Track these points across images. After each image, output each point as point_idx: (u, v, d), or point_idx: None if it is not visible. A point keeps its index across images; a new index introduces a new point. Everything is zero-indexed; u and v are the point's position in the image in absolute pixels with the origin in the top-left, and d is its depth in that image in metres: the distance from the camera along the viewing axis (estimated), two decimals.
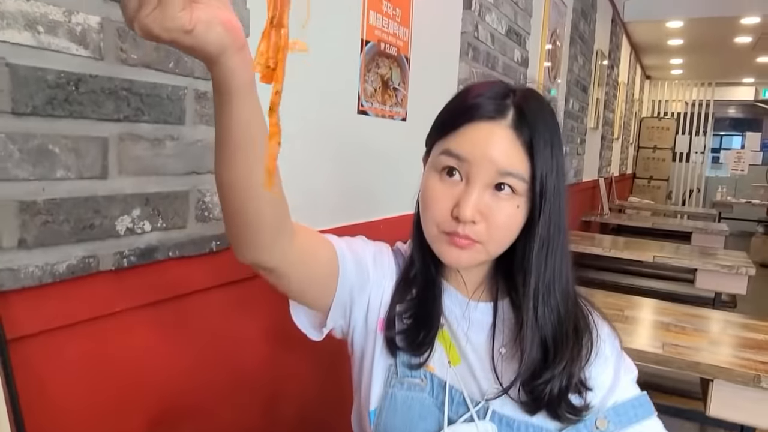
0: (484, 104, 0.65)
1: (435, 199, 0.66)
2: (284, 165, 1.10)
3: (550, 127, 0.66)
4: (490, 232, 0.65)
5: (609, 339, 0.74)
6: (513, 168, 0.63)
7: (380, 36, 1.36)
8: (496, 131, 0.64)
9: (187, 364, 0.89)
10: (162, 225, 0.80)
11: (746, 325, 1.67)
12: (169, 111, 0.79)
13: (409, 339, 0.72)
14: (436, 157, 0.67)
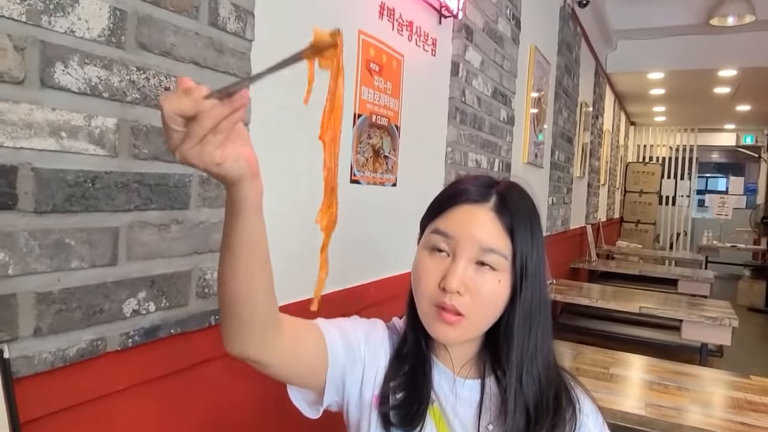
0: (470, 190, 0.74)
1: (424, 272, 0.73)
2: (279, 234, 1.16)
3: (529, 214, 0.74)
4: (475, 304, 0.71)
5: (592, 414, 0.79)
6: (494, 245, 0.71)
7: (372, 109, 1.45)
8: (480, 213, 0.72)
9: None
10: (165, 304, 0.85)
11: (728, 383, 1.72)
12: (175, 197, 0.85)
13: (402, 413, 0.76)
14: (427, 236, 0.75)
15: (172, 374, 0.88)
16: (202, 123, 0.49)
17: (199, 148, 0.49)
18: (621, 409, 1.42)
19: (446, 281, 0.70)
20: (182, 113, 0.48)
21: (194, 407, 0.94)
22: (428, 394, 0.77)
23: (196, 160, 0.50)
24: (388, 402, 0.77)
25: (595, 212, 5.73)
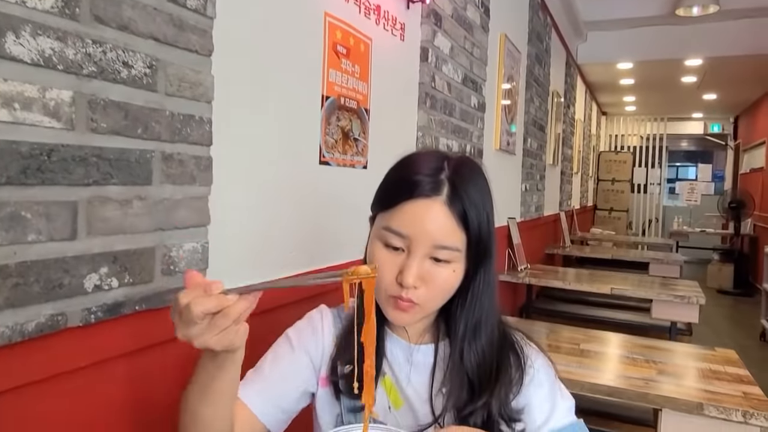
0: (421, 182, 0.72)
1: (381, 267, 0.73)
2: (250, 213, 1.16)
3: (482, 197, 0.74)
4: (429, 294, 0.73)
5: (543, 368, 0.81)
6: (447, 242, 0.72)
7: (340, 91, 1.45)
8: (432, 208, 0.71)
9: (156, 415, 0.92)
10: (129, 281, 0.84)
11: (693, 355, 1.77)
12: (137, 173, 0.84)
13: (351, 382, 0.77)
14: (380, 230, 0.75)
15: (138, 351, 0.87)
16: (228, 317, 0.57)
17: (221, 336, 0.57)
18: (590, 380, 1.46)
19: (403, 277, 0.71)
20: (209, 312, 0.56)
21: (162, 386, 0.93)
22: (380, 364, 0.80)
23: (217, 345, 0.58)
24: (336, 373, 0.80)
25: (568, 200, 5.82)
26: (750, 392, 1.42)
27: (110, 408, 0.85)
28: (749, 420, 1.30)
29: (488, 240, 0.75)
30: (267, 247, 1.21)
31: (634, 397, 1.42)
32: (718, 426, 1.33)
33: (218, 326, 0.57)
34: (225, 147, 1.05)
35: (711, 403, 1.34)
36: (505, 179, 3.36)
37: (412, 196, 0.72)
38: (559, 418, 0.78)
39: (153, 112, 0.87)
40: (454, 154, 0.77)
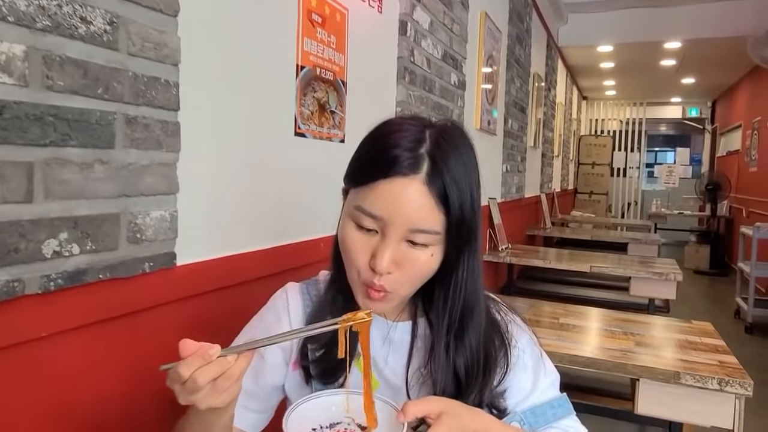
0: (397, 158, 0.64)
1: (353, 250, 0.68)
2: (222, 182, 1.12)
3: (467, 167, 0.67)
4: (404, 279, 0.68)
5: (528, 347, 0.79)
6: (425, 225, 0.65)
7: (315, 61, 1.41)
8: (409, 188, 0.64)
9: (121, 388, 0.89)
10: (91, 247, 0.80)
11: (670, 327, 1.79)
12: (98, 135, 0.81)
13: (322, 366, 0.74)
14: (352, 209, 0.68)
15: (102, 322, 0.84)
16: (231, 378, 0.58)
17: (226, 395, 0.59)
18: (569, 352, 1.46)
19: (375, 262, 0.66)
20: (212, 378, 0.57)
21: (127, 357, 0.90)
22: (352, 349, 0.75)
23: (222, 404, 0.59)
24: (307, 357, 0.76)
25: (549, 182, 5.85)
26: (725, 361, 1.44)
27: (77, 378, 0.81)
28: (725, 388, 1.31)
29: (472, 221, 0.68)
30: (240, 218, 1.17)
31: (612, 368, 1.43)
32: (694, 394, 1.35)
33: (222, 388, 0.58)
34: (194, 113, 1.01)
35: (688, 372, 1.35)
36: (486, 159, 3.35)
37: (387, 175, 0.64)
38: (541, 394, 0.76)
39: (114, 72, 0.82)
40: (438, 122, 0.70)
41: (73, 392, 0.81)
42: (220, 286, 1.10)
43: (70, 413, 0.81)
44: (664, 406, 1.41)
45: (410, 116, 0.72)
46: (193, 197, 1.02)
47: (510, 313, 0.81)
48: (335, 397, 0.68)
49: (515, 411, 0.75)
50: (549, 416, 0.76)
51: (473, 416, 0.64)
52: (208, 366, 0.57)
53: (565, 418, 0.77)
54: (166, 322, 0.97)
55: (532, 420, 0.75)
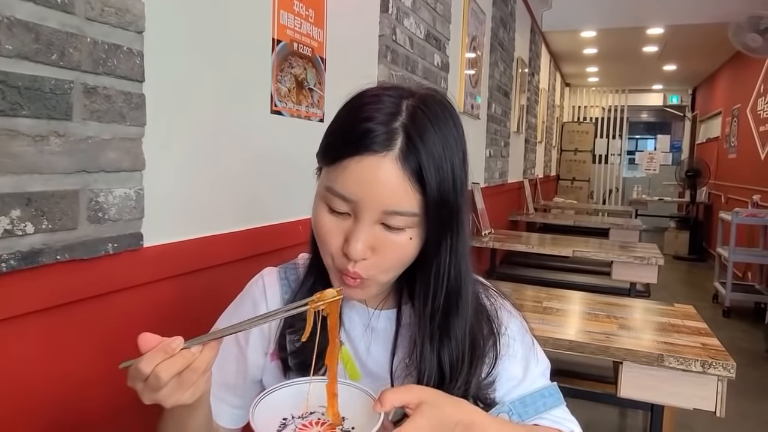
0: (369, 134, 0.58)
1: (326, 234, 0.63)
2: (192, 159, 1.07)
3: (446, 138, 0.61)
4: (381, 265, 0.63)
5: (519, 335, 0.75)
6: (400, 206, 0.59)
7: (293, 36, 1.35)
8: (382, 166, 0.58)
9: (85, 377, 0.84)
10: (48, 226, 0.75)
11: (653, 310, 1.78)
12: (53, 105, 0.75)
13: (302, 356, 0.70)
14: (323, 190, 0.63)
15: (60, 307, 0.78)
16: (196, 371, 0.54)
17: (193, 390, 0.55)
18: (553, 336, 1.44)
19: (348, 247, 0.61)
20: (176, 372, 0.53)
21: (91, 344, 0.85)
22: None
23: (189, 400, 0.55)
24: (285, 349, 0.72)
25: (532, 168, 5.85)
26: (708, 343, 1.43)
27: (31, 366, 0.76)
28: (708, 370, 1.30)
29: (454, 201, 0.61)
30: (213, 198, 1.12)
31: (595, 351, 1.41)
32: (677, 376, 1.34)
33: (188, 382, 0.54)
34: (162, 85, 0.95)
35: (671, 354, 1.34)
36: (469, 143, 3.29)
37: (358, 152, 0.59)
38: (531, 383, 0.72)
39: (70, 38, 0.76)
40: (418, 90, 0.63)
41: (30, 380, 0.76)
42: (192, 270, 1.05)
43: (27, 401, 0.76)
44: (646, 389, 1.40)
45: (390, 85, 0.66)
46: (161, 175, 0.96)
47: (500, 298, 0.77)
48: (307, 384, 0.64)
49: (503, 401, 0.71)
50: (539, 406, 0.72)
51: (455, 407, 0.60)
52: (171, 359, 0.53)
53: (556, 408, 0.73)
54: (133, 307, 0.92)
55: (521, 410, 0.71)
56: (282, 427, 0.60)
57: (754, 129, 5.63)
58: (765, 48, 4.23)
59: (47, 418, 0.79)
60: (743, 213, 4.56)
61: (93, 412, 0.86)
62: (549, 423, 0.71)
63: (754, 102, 5.70)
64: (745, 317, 4.45)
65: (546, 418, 0.71)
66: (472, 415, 0.61)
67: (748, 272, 5.15)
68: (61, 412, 0.81)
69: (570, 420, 0.73)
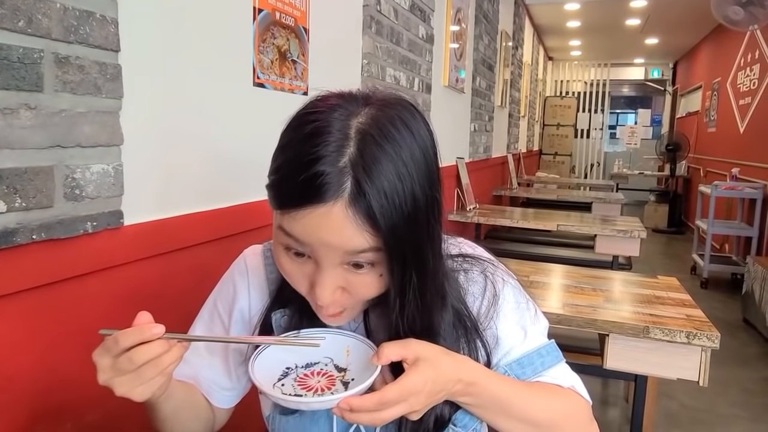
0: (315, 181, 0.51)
1: (290, 277, 0.60)
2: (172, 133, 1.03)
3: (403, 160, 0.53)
4: (356, 298, 0.60)
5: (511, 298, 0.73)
6: (359, 246, 0.54)
7: (274, 4, 1.30)
8: (332, 216, 0.52)
9: (57, 359, 0.81)
10: (21, 204, 0.71)
11: (637, 283, 1.80)
12: (22, 76, 0.70)
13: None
14: (277, 229, 0.58)
15: (38, 288, 0.75)
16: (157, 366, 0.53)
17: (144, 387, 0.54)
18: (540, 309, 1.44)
19: (316, 296, 0.57)
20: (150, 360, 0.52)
21: (65, 326, 0.82)
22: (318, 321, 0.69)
23: (138, 397, 0.54)
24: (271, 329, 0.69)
25: (515, 143, 5.85)
26: (692, 315, 1.45)
27: (7, 350, 0.73)
28: (692, 341, 1.32)
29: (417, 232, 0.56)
30: (195, 174, 1.08)
31: (582, 324, 1.42)
32: (663, 347, 1.36)
33: (145, 376, 0.53)
34: (139, 56, 0.91)
35: (656, 326, 1.35)
36: (454, 118, 3.28)
37: (305, 204, 0.52)
38: (528, 343, 0.70)
39: (38, 3, 0.71)
40: (372, 102, 0.56)
41: (6, 365, 0.73)
42: (175, 248, 1.02)
43: (2, 389, 0.73)
44: (632, 361, 1.41)
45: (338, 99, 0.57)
46: (141, 150, 0.93)
47: (490, 266, 0.74)
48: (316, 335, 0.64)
49: (499, 365, 0.69)
50: (537, 365, 0.70)
51: (456, 364, 0.58)
52: (149, 345, 0.53)
53: (555, 365, 0.71)
54: (113, 288, 0.89)
55: (519, 371, 0.69)
56: (283, 376, 0.60)
57: (733, 103, 5.69)
58: (746, 21, 4.24)
59: (26, 402, 0.77)
60: (722, 186, 4.63)
61: (73, 395, 0.84)
62: (548, 380, 0.69)
63: (734, 76, 5.74)
64: (722, 288, 4.56)
65: (545, 376, 0.70)
66: (473, 373, 0.59)
67: (726, 244, 5.26)
68: (41, 397, 0.79)
69: (570, 375, 0.71)
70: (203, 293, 0.81)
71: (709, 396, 2.61)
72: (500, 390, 0.61)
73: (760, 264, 3.53)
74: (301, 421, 0.69)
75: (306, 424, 0.69)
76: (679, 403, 2.56)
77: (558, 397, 0.68)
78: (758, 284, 3.53)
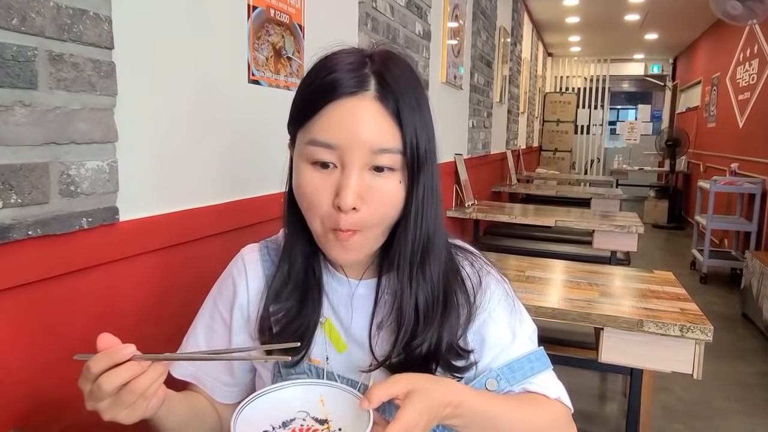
0: (342, 79, 0.60)
1: (313, 192, 0.62)
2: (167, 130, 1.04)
3: (414, 88, 0.63)
4: (373, 214, 0.62)
5: (502, 302, 0.74)
6: (386, 144, 0.60)
7: (269, 2, 1.31)
8: (361, 107, 0.59)
9: (55, 356, 0.82)
10: (17, 201, 0.72)
11: (633, 277, 1.81)
12: (16, 73, 0.71)
13: (283, 340, 0.69)
14: (304, 147, 0.62)
15: (36, 283, 0.76)
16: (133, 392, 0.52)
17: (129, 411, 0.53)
18: (536, 304, 1.45)
19: (340, 199, 0.60)
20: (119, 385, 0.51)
21: (62, 322, 0.83)
22: (316, 312, 0.71)
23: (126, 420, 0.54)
24: (269, 328, 0.71)
25: (515, 139, 5.85)
26: (686, 308, 1.46)
27: (4, 346, 0.74)
28: (686, 334, 1.33)
29: (429, 138, 0.64)
30: (189, 170, 1.09)
31: (577, 318, 1.43)
32: (656, 341, 1.37)
33: (124, 402, 0.53)
34: (133, 53, 0.91)
35: (650, 319, 1.36)
36: (452, 114, 3.29)
37: (335, 97, 0.59)
38: (518, 348, 0.72)
39: (31, 1, 0.72)
40: (376, 48, 0.65)
41: (1, 361, 0.74)
42: (171, 244, 1.03)
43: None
44: (626, 354, 1.42)
45: (350, 47, 0.66)
46: (136, 147, 0.93)
47: (486, 265, 0.76)
48: (284, 390, 0.63)
49: (491, 368, 0.71)
50: (526, 371, 0.72)
51: (444, 388, 0.60)
52: (116, 370, 0.52)
53: (543, 372, 0.73)
54: (109, 284, 0.90)
55: (509, 375, 0.71)
56: None
57: (733, 98, 5.68)
58: (745, 15, 4.24)
59: (21, 398, 0.78)
60: (721, 181, 4.63)
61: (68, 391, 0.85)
62: (536, 388, 0.71)
63: (733, 71, 5.74)
64: (721, 283, 4.57)
65: (533, 383, 0.72)
66: (459, 395, 0.61)
67: (725, 239, 5.26)
68: (36, 392, 0.80)
69: (556, 384, 0.73)
70: (201, 288, 0.82)
71: (706, 390, 2.62)
72: (485, 407, 0.63)
73: (758, 259, 3.54)
74: None
75: None
76: (676, 396, 2.57)
77: (540, 407, 0.70)
78: (756, 279, 3.53)
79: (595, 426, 2.34)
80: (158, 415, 0.60)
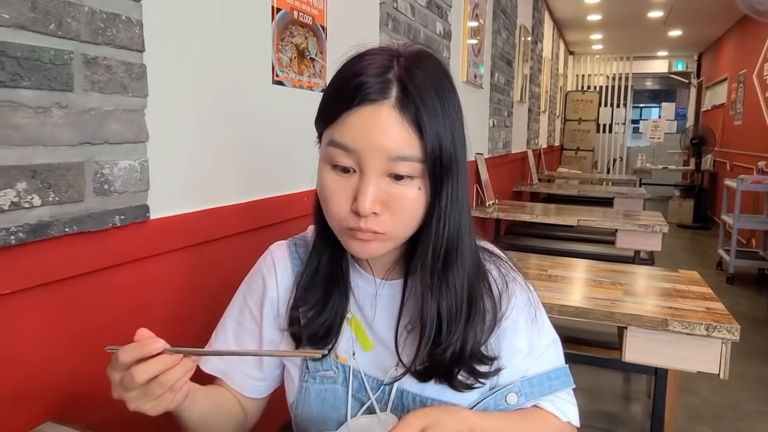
0: (366, 84, 0.59)
1: (332, 196, 0.63)
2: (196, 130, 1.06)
3: (440, 92, 0.62)
4: (395, 220, 0.62)
5: (525, 310, 0.73)
6: (403, 152, 0.59)
7: (292, 3, 1.33)
8: (381, 114, 0.59)
9: (89, 349, 0.85)
10: (54, 199, 0.75)
11: (658, 276, 1.78)
12: (53, 76, 0.74)
13: (311, 332, 0.71)
14: (326, 147, 0.63)
15: (71, 279, 0.79)
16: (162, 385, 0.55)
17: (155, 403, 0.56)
18: (558, 303, 1.45)
19: (358, 204, 0.60)
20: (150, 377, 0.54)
21: (98, 318, 0.86)
22: (343, 307, 0.73)
23: (151, 412, 0.56)
24: (297, 322, 0.72)
25: (536, 138, 5.80)
26: (712, 307, 1.44)
27: (42, 339, 0.77)
28: (712, 333, 1.31)
29: (454, 143, 0.62)
30: (217, 170, 1.12)
31: (600, 317, 1.42)
32: (681, 340, 1.35)
33: (152, 393, 0.55)
34: (162, 55, 0.94)
35: (675, 318, 1.35)
36: (473, 113, 3.28)
37: (354, 104, 0.60)
38: (540, 364, 0.73)
39: (67, 7, 0.75)
40: (407, 47, 0.64)
41: (38, 354, 0.77)
42: (199, 242, 1.05)
43: (35, 377, 0.77)
44: (651, 354, 1.41)
45: (380, 47, 0.66)
46: (166, 147, 0.96)
47: (512, 271, 0.76)
48: None
49: (513, 381, 0.72)
50: (545, 387, 0.73)
51: (456, 419, 0.62)
52: (148, 362, 0.54)
53: (561, 390, 0.74)
54: (140, 280, 0.93)
55: (528, 390, 0.72)
56: None
57: (760, 95, 5.55)
58: None
59: (55, 390, 0.81)
60: (748, 180, 4.53)
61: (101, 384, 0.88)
62: (549, 407, 0.73)
63: (760, 67, 5.61)
64: (748, 284, 4.47)
65: (549, 400, 0.73)
66: (468, 420, 0.63)
67: (752, 239, 5.15)
68: (70, 385, 0.82)
69: (571, 405, 0.75)
70: (229, 285, 0.84)
71: (732, 391, 2.57)
72: (493, 429, 0.66)
73: None
74: (323, 406, 0.72)
75: (328, 410, 0.72)
76: (701, 398, 2.53)
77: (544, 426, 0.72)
78: None
79: (619, 426, 2.31)
80: (182, 408, 0.63)
